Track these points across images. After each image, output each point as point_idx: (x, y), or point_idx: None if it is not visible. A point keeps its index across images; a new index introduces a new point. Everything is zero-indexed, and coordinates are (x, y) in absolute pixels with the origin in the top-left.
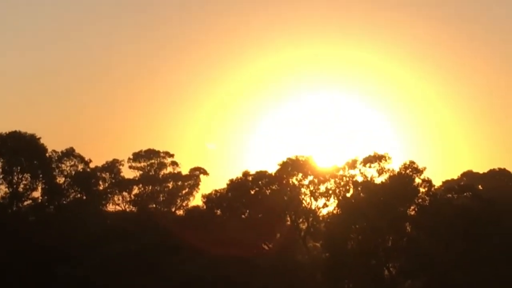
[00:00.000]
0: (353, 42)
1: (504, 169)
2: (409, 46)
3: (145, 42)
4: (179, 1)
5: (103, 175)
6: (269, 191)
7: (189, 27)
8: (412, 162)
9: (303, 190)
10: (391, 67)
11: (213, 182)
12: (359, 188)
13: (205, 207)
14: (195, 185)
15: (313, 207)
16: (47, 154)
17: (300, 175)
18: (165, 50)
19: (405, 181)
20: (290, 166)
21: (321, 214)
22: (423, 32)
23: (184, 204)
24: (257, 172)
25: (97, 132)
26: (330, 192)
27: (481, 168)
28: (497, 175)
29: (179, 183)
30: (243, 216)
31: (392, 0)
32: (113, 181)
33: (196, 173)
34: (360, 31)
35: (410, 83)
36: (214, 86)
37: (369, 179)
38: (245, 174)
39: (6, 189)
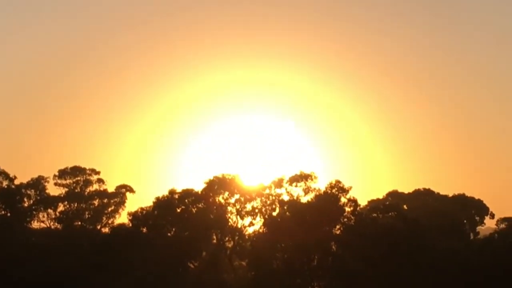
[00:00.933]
0: (282, 65)
1: (429, 189)
2: (337, 71)
3: (73, 57)
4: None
5: (28, 192)
6: (195, 209)
7: (120, 46)
8: (338, 182)
9: (229, 208)
10: (318, 89)
11: (139, 200)
12: (285, 207)
13: (131, 225)
14: (121, 203)
15: (239, 226)
16: None
17: (226, 193)
18: (95, 64)
19: (331, 200)
20: (217, 185)
21: (247, 233)
22: (351, 57)
23: (109, 222)
24: (183, 190)
25: (23, 149)
26: (256, 210)
27: (406, 188)
28: (422, 195)
29: (105, 200)
30: (169, 234)
31: (317, 26)
32: (38, 198)
33: (122, 190)
34: (290, 56)
35: (336, 105)
36: (143, 105)
37: (295, 198)
38: (172, 192)
39: None
